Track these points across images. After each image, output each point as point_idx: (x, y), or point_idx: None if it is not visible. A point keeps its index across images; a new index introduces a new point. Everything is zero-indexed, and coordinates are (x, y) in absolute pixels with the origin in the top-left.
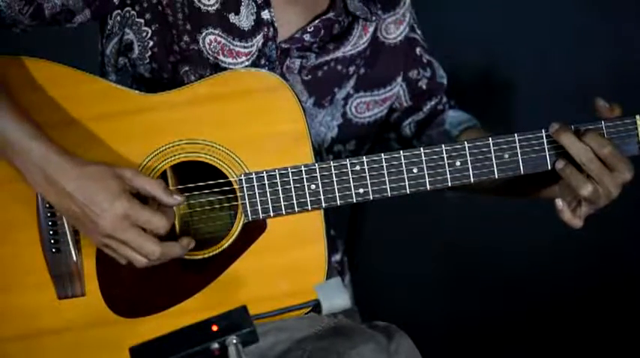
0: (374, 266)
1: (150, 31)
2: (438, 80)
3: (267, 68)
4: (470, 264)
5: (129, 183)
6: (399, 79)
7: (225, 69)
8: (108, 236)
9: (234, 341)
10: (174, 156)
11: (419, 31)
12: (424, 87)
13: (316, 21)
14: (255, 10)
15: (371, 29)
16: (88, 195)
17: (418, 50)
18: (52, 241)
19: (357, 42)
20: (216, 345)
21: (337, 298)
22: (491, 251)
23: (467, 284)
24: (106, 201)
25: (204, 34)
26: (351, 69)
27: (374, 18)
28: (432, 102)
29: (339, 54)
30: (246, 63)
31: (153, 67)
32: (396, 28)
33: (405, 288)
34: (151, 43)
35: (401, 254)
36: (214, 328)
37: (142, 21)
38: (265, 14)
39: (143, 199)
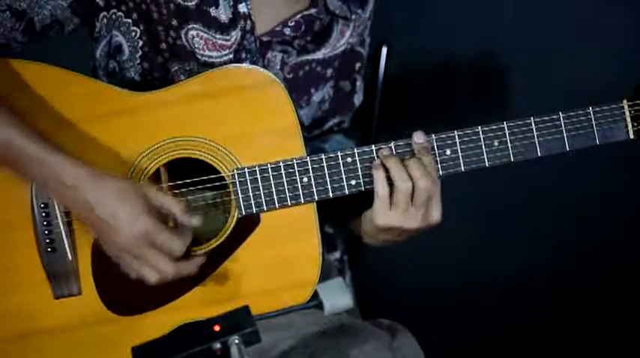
0: (374, 265)
1: (139, 30)
2: (354, 100)
3: (248, 61)
4: (471, 263)
5: (151, 201)
6: (330, 84)
7: (210, 63)
8: (124, 250)
9: (237, 341)
10: (167, 153)
11: (367, 49)
12: (341, 99)
13: (298, 16)
14: (232, 3)
15: (348, 33)
16: (110, 210)
17: (357, 65)
18: (47, 241)
19: (336, 44)
20: (218, 345)
21: (339, 298)
22: (492, 249)
23: (468, 283)
24: (128, 218)
25: (185, 29)
26: (329, 71)
27: (353, 17)
28: (335, 120)
29: (319, 55)
30: (230, 56)
31: (144, 67)
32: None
33: (405, 287)
34: (141, 43)
35: (401, 253)
36: (216, 328)
37: (130, 21)
38: (242, 7)
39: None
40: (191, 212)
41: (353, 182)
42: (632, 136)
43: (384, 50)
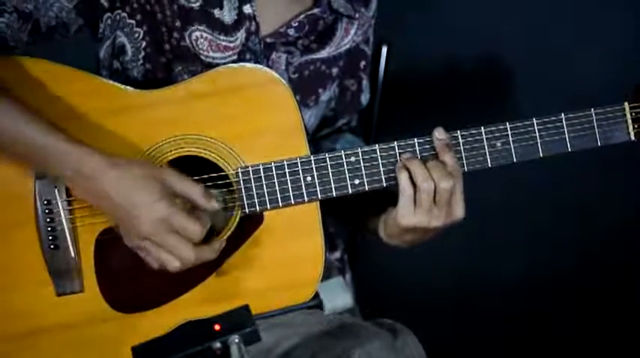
0: (375, 264)
1: (142, 31)
2: (362, 99)
3: (252, 62)
4: (471, 263)
5: (170, 185)
6: (336, 84)
7: (215, 64)
8: (144, 238)
9: (237, 340)
10: (171, 151)
11: (370, 47)
12: (347, 99)
13: (301, 16)
14: (237, 4)
15: (352, 31)
16: (128, 197)
17: (362, 64)
18: (50, 238)
19: (340, 43)
20: (218, 345)
21: (339, 298)
22: (492, 250)
23: (468, 283)
24: (147, 203)
25: (189, 30)
26: (334, 70)
27: (357, 15)
28: (344, 120)
29: (323, 54)
30: (234, 57)
31: (147, 68)
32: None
33: (405, 287)
34: (144, 44)
35: (402, 252)
36: (216, 327)
37: (134, 22)
38: (247, 9)
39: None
40: (210, 196)
41: (356, 181)
42: (632, 138)
43: (384, 50)
